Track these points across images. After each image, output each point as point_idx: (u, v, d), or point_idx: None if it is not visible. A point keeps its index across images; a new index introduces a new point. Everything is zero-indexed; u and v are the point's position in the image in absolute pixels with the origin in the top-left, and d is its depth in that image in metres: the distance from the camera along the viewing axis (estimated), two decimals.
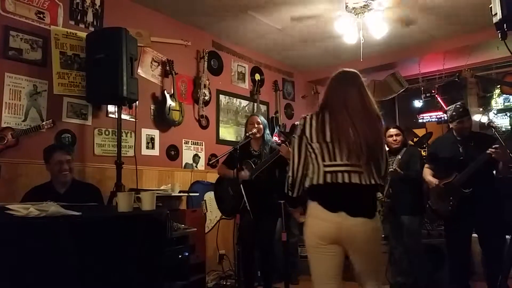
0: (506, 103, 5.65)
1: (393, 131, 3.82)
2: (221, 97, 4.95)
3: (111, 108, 3.70)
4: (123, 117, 3.56)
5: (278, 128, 5.44)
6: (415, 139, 5.55)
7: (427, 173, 3.39)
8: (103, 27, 3.69)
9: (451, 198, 3.14)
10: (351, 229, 1.76)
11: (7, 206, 1.74)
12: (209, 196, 4.38)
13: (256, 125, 3.46)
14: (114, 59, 3.14)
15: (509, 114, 5.54)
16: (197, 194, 4.23)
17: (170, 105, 4.11)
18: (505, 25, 1.58)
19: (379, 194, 3.55)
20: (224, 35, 4.88)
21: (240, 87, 5.23)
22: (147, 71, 4.08)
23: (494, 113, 5.67)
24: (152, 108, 4.11)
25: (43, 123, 3.17)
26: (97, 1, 3.72)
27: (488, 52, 5.07)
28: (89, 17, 3.66)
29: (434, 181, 3.26)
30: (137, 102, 3.54)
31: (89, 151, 3.55)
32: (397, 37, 4.86)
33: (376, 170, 1.83)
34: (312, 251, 1.87)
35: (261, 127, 3.48)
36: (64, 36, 3.40)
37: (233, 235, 3.47)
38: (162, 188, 3.81)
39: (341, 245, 1.81)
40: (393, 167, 3.55)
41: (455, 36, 4.90)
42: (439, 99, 5.62)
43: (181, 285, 3.20)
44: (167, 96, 4.11)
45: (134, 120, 3.72)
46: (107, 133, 3.69)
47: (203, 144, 4.64)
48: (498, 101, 5.70)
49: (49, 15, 3.38)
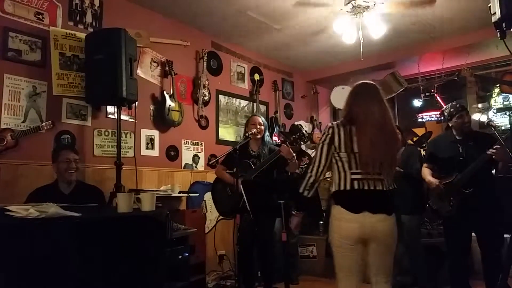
0: (505, 102, 5.64)
1: None
2: (221, 97, 4.95)
3: (111, 108, 3.70)
4: (123, 117, 3.56)
5: (277, 128, 5.45)
6: (415, 138, 5.55)
7: (426, 173, 3.38)
8: (102, 27, 3.69)
9: (452, 198, 3.14)
10: (374, 225, 2.01)
11: (7, 207, 1.74)
12: (209, 196, 4.36)
13: (258, 126, 3.47)
14: (113, 59, 3.14)
15: (508, 113, 5.53)
16: (197, 194, 4.23)
17: (169, 105, 4.11)
18: (504, 24, 1.58)
19: None
20: (223, 35, 4.88)
21: (239, 87, 5.23)
22: (147, 72, 4.08)
23: (493, 112, 5.66)
24: (151, 108, 4.11)
25: (43, 124, 3.17)
26: (96, 2, 3.71)
27: (487, 51, 5.07)
28: (88, 18, 3.66)
29: (434, 181, 3.25)
30: (137, 102, 3.53)
31: (89, 152, 3.55)
32: (396, 37, 4.87)
33: (392, 177, 2.13)
34: (337, 250, 2.08)
35: (262, 128, 3.49)
36: (63, 37, 3.39)
37: (233, 236, 3.47)
38: (162, 188, 3.81)
39: (364, 243, 2.03)
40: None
41: (454, 35, 4.90)
42: (438, 98, 5.62)
43: (181, 286, 3.20)
44: (167, 96, 4.11)
45: (133, 120, 3.72)
46: (106, 133, 3.69)
47: (203, 144, 4.64)
48: (497, 100, 5.70)
49: (48, 16, 3.37)
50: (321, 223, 4.81)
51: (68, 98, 3.42)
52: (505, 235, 3.15)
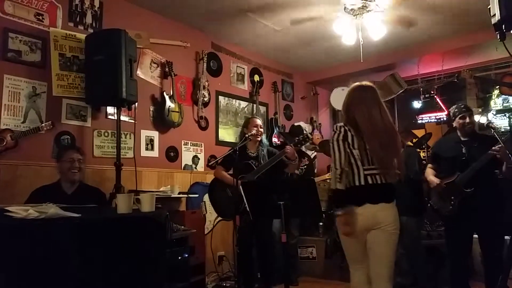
0: (505, 104, 5.65)
1: None
2: (220, 98, 4.95)
3: (110, 109, 3.70)
4: (122, 118, 3.56)
5: (277, 129, 5.45)
6: (414, 140, 5.56)
7: (429, 173, 3.39)
8: (102, 28, 3.69)
9: (453, 197, 3.14)
10: (375, 214, 2.21)
11: (6, 208, 1.74)
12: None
13: (259, 128, 3.55)
14: (113, 60, 3.14)
15: (508, 114, 5.53)
16: (197, 195, 4.22)
17: (169, 106, 4.11)
18: (503, 26, 1.58)
19: None
20: (223, 36, 4.89)
21: (239, 88, 5.23)
22: (146, 73, 4.08)
23: (493, 113, 5.67)
24: (151, 109, 4.11)
25: (42, 124, 3.17)
26: (96, 3, 3.72)
27: (487, 52, 5.07)
28: (88, 19, 3.66)
29: (435, 180, 3.26)
30: (136, 103, 3.53)
31: (89, 152, 3.54)
32: (396, 38, 4.87)
33: (394, 171, 2.30)
34: (344, 239, 2.30)
35: (262, 130, 3.58)
36: (63, 37, 3.39)
37: (232, 237, 3.46)
38: (161, 189, 3.80)
39: (368, 231, 2.22)
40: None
41: (454, 36, 4.90)
42: (438, 100, 5.63)
43: (181, 287, 3.19)
44: (166, 97, 4.11)
45: (133, 121, 3.72)
46: (106, 134, 3.69)
47: (203, 145, 4.64)
48: (497, 102, 5.70)
49: (48, 17, 3.38)
50: (321, 224, 4.81)
51: (68, 99, 3.42)
52: (506, 237, 3.15)
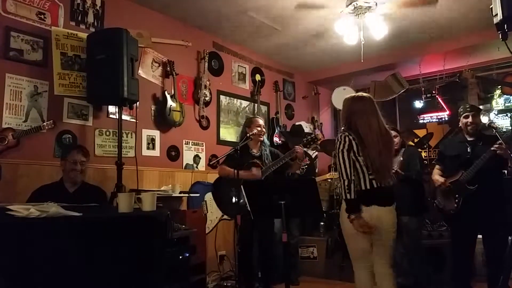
0: (506, 104, 5.63)
1: (391, 133, 3.82)
2: (222, 97, 4.95)
3: (112, 108, 3.70)
4: (124, 117, 3.56)
5: (278, 128, 5.44)
6: (416, 140, 5.55)
7: (435, 173, 3.43)
8: (103, 28, 3.70)
9: (457, 195, 3.16)
10: (382, 216, 2.40)
11: (8, 206, 1.74)
12: (209, 196, 4.37)
13: (262, 128, 3.57)
14: (114, 60, 3.14)
15: (509, 114, 5.52)
16: (198, 194, 4.23)
17: (170, 105, 4.11)
18: (505, 25, 1.58)
19: None
20: (224, 36, 4.89)
21: (240, 88, 5.23)
22: (148, 72, 4.09)
23: (494, 113, 5.65)
24: (152, 108, 4.11)
25: (44, 123, 3.17)
26: (98, 2, 3.72)
27: (488, 52, 5.06)
28: (90, 18, 3.67)
29: (440, 179, 3.29)
30: (138, 102, 3.54)
31: (90, 151, 3.51)
32: (398, 38, 4.86)
33: (391, 174, 2.56)
34: (351, 237, 2.46)
35: (265, 130, 3.62)
36: (64, 37, 3.40)
37: (233, 236, 3.46)
38: (162, 188, 3.80)
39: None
40: (393, 168, 3.55)
41: (456, 36, 4.89)
42: (439, 99, 5.62)
43: (182, 286, 3.19)
44: (168, 96, 4.11)
45: (134, 120, 3.72)
46: (107, 133, 3.69)
47: (204, 144, 4.64)
48: (498, 102, 5.68)
49: (50, 16, 3.38)
50: (322, 224, 4.80)
51: (69, 98, 3.43)
52: (510, 237, 3.15)
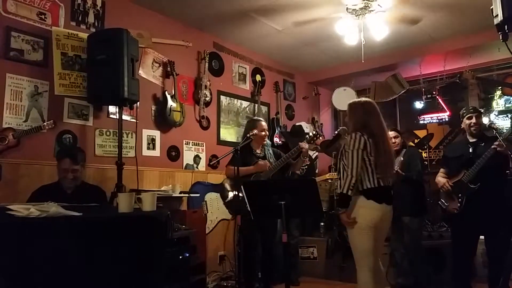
0: (507, 105, 5.63)
1: (391, 134, 3.83)
2: (222, 98, 4.95)
3: (112, 109, 3.70)
4: (124, 118, 3.56)
5: (278, 129, 5.44)
6: (416, 140, 5.55)
7: (438, 175, 3.46)
8: (104, 28, 3.70)
9: (460, 195, 3.19)
10: (386, 214, 2.59)
11: (8, 206, 1.75)
12: (209, 197, 4.39)
13: (266, 132, 3.62)
14: (115, 60, 3.14)
15: (510, 115, 5.51)
16: (198, 195, 4.23)
17: (171, 106, 4.12)
18: (506, 26, 1.58)
19: None
20: (225, 36, 4.89)
21: (241, 88, 5.23)
22: (148, 72, 4.09)
23: (495, 114, 5.65)
24: (153, 109, 4.11)
25: (44, 123, 3.17)
26: (98, 2, 3.72)
27: (489, 53, 5.06)
28: (90, 18, 3.67)
29: (442, 180, 3.34)
30: (138, 103, 3.54)
31: (90, 151, 3.55)
32: (398, 39, 4.86)
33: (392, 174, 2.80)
34: (360, 233, 2.53)
35: (267, 133, 3.69)
36: (65, 37, 3.40)
37: (233, 236, 3.47)
38: (162, 188, 3.81)
39: (375, 228, 2.53)
40: (394, 168, 3.55)
41: (456, 37, 4.89)
42: (440, 100, 5.61)
43: (181, 286, 3.19)
44: (168, 97, 4.11)
45: (135, 121, 3.72)
46: (108, 133, 3.70)
47: (204, 145, 4.64)
48: (499, 103, 5.67)
49: (51, 16, 3.38)
50: (322, 224, 4.80)
51: (70, 98, 3.43)
52: None
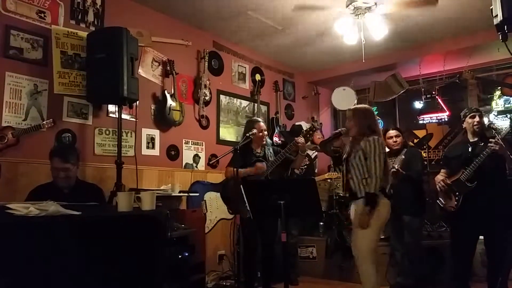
0: (506, 105, 5.63)
1: (392, 133, 3.84)
2: (222, 97, 4.95)
3: (112, 107, 3.70)
4: (124, 117, 3.56)
5: (278, 128, 5.44)
6: (416, 140, 5.55)
7: (439, 174, 3.46)
8: (104, 26, 3.69)
9: (458, 193, 3.19)
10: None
11: (7, 205, 1.74)
12: (209, 196, 4.39)
13: (264, 132, 3.59)
14: (114, 58, 3.14)
15: (509, 115, 5.51)
16: (197, 194, 4.22)
17: (170, 105, 4.11)
18: (505, 26, 1.58)
19: None
20: (224, 35, 4.88)
21: (240, 88, 5.23)
22: (148, 71, 4.08)
23: (494, 114, 5.65)
24: (152, 108, 4.11)
25: (44, 122, 3.17)
26: (98, 1, 3.72)
27: (488, 53, 5.06)
28: (90, 17, 3.66)
29: (440, 177, 3.36)
30: (138, 102, 3.54)
31: (90, 150, 3.55)
32: (398, 38, 4.86)
33: None
34: (378, 229, 2.84)
35: (266, 133, 3.64)
36: (65, 35, 3.40)
37: (232, 236, 3.47)
38: (162, 188, 3.80)
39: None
40: (395, 167, 3.56)
41: (456, 37, 4.89)
42: (439, 100, 5.62)
43: (181, 285, 3.19)
44: (168, 96, 4.11)
45: (134, 120, 3.72)
46: (107, 132, 3.69)
47: (204, 144, 4.64)
48: (498, 103, 5.68)
49: (50, 15, 3.38)
50: (321, 224, 4.80)
51: (69, 96, 3.43)
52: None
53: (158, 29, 4.19)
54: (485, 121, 5.29)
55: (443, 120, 5.69)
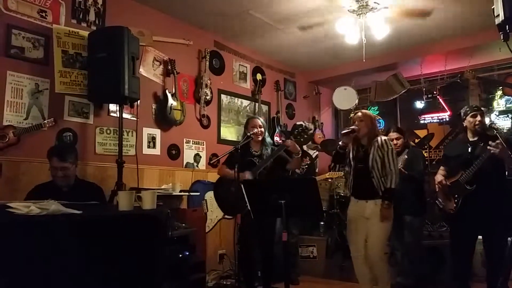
0: (508, 105, 5.62)
1: (393, 135, 3.80)
2: (223, 96, 4.95)
3: (113, 107, 3.70)
4: (125, 116, 3.57)
5: (279, 128, 5.44)
6: (417, 140, 5.55)
7: (438, 173, 3.45)
8: (105, 26, 3.69)
9: (456, 196, 3.17)
10: None
11: (8, 204, 1.75)
12: (209, 195, 4.38)
13: (258, 128, 3.46)
14: (116, 58, 3.14)
15: (511, 115, 5.51)
16: (198, 193, 4.23)
17: (171, 104, 4.12)
18: (507, 26, 1.58)
19: None
20: (226, 35, 4.88)
21: (241, 87, 5.23)
22: (149, 70, 4.09)
23: (496, 114, 5.65)
24: (153, 107, 4.11)
25: (45, 121, 3.17)
26: (99, 0, 3.72)
27: (490, 53, 5.06)
28: (91, 16, 3.67)
29: (439, 178, 3.33)
30: (139, 101, 3.55)
31: (91, 149, 3.55)
32: (399, 38, 4.86)
33: None
34: (390, 222, 3.02)
35: (263, 130, 3.50)
36: (66, 35, 3.40)
37: (233, 235, 3.47)
38: (163, 187, 3.81)
39: None
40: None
41: (457, 37, 4.89)
42: (440, 100, 5.61)
43: (181, 284, 3.20)
44: (169, 95, 4.11)
45: (135, 119, 3.72)
46: (108, 132, 3.70)
47: (204, 143, 4.64)
48: (500, 103, 5.67)
49: (52, 14, 3.38)
50: (322, 223, 4.80)
51: (70, 95, 3.43)
52: (509, 238, 3.16)
53: (159, 28, 4.19)
54: (486, 120, 5.32)
55: (444, 120, 5.69)
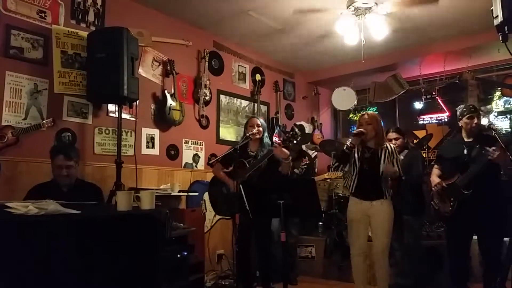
0: (506, 106, 5.64)
1: (392, 135, 3.79)
2: (222, 97, 4.95)
3: (112, 107, 3.70)
4: (124, 116, 3.57)
5: (278, 128, 5.45)
6: (415, 141, 5.55)
7: (434, 173, 3.43)
8: (104, 26, 3.70)
9: (452, 199, 3.16)
10: None
11: (6, 204, 1.74)
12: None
13: (256, 127, 3.45)
14: (115, 58, 3.15)
15: (509, 116, 5.51)
16: (197, 193, 4.23)
17: (170, 104, 4.12)
18: (506, 27, 1.59)
19: None
20: (225, 35, 4.89)
21: (240, 87, 5.23)
22: (148, 71, 4.09)
23: (494, 115, 5.66)
24: (152, 107, 4.11)
25: (44, 121, 3.18)
26: (99, 1, 3.72)
27: (489, 54, 5.07)
28: (91, 17, 3.67)
29: (436, 180, 3.30)
30: (138, 101, 3.55)
31: (89, 150, 3.55)
32: (398, 39, 4.86)
33: None
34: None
35: (261, 129, 3.48)
36: (65, 35, 3.41)
37: (232, 235, 3.46)
38: (161, 187, 3.81)
39: None
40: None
41: (456, 38, 4.90)
42: (439, 101, 5.62)
43: (180, 285, 3.20)
44: (168, 95, 4.12)
45: (134, 119, 3.72)
46: (107, 132, 3.70)
47: (203, 144, 4.64)
48: (498, 104, 5.68)
49: (51, 14, 3.38)
50: (320, 224, 4.80)
51: (69, 96, 3.43)
52: (505, 239, 3.15)
53: (158, 29, 4.20)
54: (484, 121, 5.33)
55: (443, 120, 5.70)
